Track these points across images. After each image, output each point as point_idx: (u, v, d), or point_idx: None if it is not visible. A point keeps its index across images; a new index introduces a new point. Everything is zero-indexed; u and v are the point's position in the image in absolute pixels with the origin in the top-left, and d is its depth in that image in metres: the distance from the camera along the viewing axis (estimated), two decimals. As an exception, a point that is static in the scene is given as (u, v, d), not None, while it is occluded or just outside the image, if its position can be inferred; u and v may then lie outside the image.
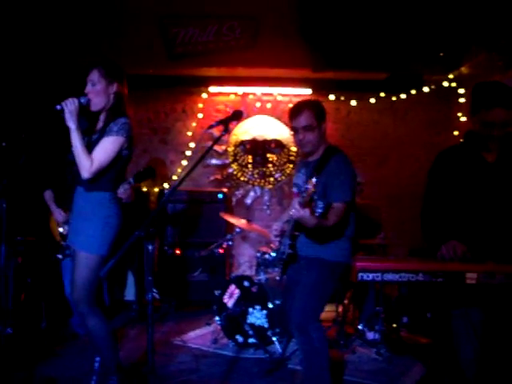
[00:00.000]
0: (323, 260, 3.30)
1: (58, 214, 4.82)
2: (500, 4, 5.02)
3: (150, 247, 2.53)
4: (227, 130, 2.94)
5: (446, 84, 7.08)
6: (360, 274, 2.58)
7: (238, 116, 3.01)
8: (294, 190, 3.44)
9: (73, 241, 3.33)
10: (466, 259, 2.70)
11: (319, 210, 3.20)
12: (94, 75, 3.29)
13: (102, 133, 3.25)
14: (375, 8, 5.07)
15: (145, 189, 7.05)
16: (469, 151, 3.01)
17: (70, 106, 3.11)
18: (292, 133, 3.47)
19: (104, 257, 3.24)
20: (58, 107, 3.12)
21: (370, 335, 4.91)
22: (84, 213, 3.29)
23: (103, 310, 3.37)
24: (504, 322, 2.81)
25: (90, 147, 3.21)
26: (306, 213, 2.81)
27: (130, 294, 6.31)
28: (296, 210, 2.82)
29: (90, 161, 3.14)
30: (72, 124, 3.12)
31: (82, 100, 3.21)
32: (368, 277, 2.58)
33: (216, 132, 6.76)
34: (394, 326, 5.08)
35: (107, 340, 3.33)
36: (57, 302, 5.12)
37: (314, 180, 2.72)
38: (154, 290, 5.65)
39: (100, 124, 3.37)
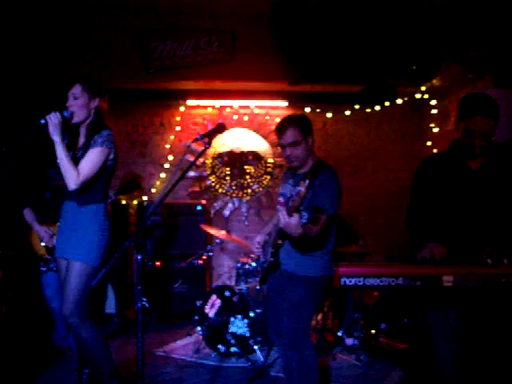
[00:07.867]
0: (308, 277, 3.28)
1: (44, 233, 4.68)
2: (468, 18, 5.21)
3: (139, 257, 2.58)
4: (211, 143, 3.01)
5: (418, 96, 7.25)
6: (343, 280, 2.66)
7: (221, 129, 3.07)
8: (280, 199, 3.42)
9: (66, 252, 3.35)
10: (444, 262, 2.80)
11: (304, 221, 3.25)
12: (77, 89, 3.35)
13: (87, 147, 3.30)
14: (350, 23, 5.20)
15: (124, 202, 7.07)
16: (454, 158, 3.11)
17: (53, 120, 3.16)
18: (274, 147, 3.48)
19: (96, 269, 3.28)
20: (43, 121, 3.16)
21: (349, 341, 5.01)
22: (79, 226, 3.33)
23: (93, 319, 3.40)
24: (480, 323, 2.92)
25: (75, 162, 3.25)
26: (293, 220, 2.67)
27: (109, 307, 6.30)
28: (283, 217, 2.71)
29: (77, 172, 3.19)
30: (57, 137, 3.17)
31: (66, 114, 3.26)
32: (350, 281, 2.66)
33: (194, 145, 6.83)
34: (373, 332, 5.19)
35: (101, 348, 3.38)
36: (38, 316, 5.09)
37: (306, 182, 2.60)
38: (144, 299, 5.64)
39: (82, 139, 3.43)
